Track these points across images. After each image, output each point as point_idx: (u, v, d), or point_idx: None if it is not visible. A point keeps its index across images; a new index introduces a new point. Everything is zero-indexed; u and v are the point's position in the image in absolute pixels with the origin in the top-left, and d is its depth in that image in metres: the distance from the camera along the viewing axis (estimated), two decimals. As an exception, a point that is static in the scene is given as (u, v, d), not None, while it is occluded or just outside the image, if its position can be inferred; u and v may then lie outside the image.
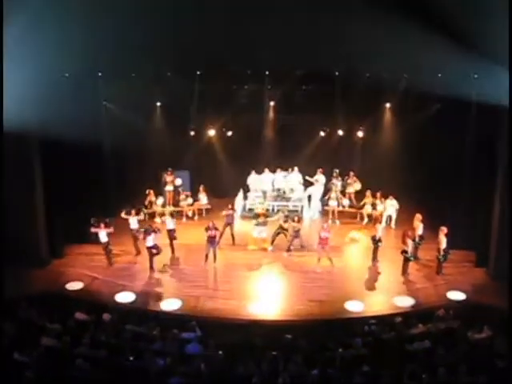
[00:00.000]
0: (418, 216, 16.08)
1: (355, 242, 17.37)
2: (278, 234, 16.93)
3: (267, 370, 9.61)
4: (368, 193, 19.20)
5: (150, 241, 15.12)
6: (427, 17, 13.25)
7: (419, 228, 15.81)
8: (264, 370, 9.59)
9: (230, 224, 17.44)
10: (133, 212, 16.72)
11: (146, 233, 15.16)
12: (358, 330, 11.58)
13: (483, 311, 12.18)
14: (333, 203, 19.73)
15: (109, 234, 15.67)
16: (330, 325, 12.49)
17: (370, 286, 14.67)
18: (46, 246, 15.74)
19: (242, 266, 15.82)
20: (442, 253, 14.81)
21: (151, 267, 15.28)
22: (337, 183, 19.99)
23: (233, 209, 17.82)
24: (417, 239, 15.58)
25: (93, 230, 15.63)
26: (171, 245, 16.44)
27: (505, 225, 14.00)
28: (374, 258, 15.83)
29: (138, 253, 16.41)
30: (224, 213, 17.38)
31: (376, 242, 15.72)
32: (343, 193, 20.10)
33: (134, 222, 16.53)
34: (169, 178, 20.31)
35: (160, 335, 11.22)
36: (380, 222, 17.82)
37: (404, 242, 14.97)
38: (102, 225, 15.64)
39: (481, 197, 15.20)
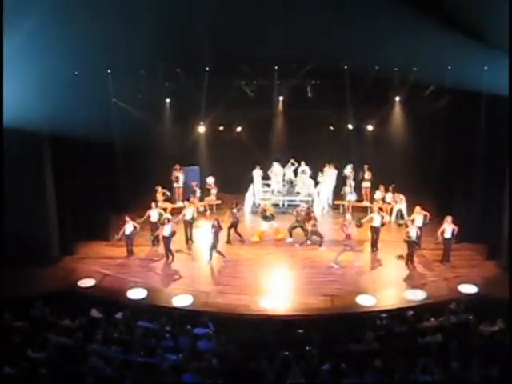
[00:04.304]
0: (417, 209, 15.92)
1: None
2: (295, 227, 16.89)
3: (279, 365, 9.62)
4: (382, 187, 19.10)
5: (168, 230, 15.33)
6: (437, 9, 13.20)
7: (417, 220, 15.64)
8: (276, 366, 9.60)
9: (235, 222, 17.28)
10: (153, 205, 16.85)
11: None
12: (369, 324, 11.56)
13: (495, 304, 12.10)
14: (347, 197, 19.69)
15: (134, 226, 15.93)
16: (341, 319, 12.46)
17: (382, 279, 14.63)
18: (57, 244, 15.78)
19: (252, 260, 15.83)
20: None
21: (167, 256, 15.53)
22: (351, 177, 19.96)
23: (236, 206, 17.42)
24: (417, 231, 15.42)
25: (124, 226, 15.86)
26: (187, 235, 16.82)
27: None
28: (373, 247, 16.03)
29: (154, 244, 16.56)
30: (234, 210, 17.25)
31: (375, 232, 15.88)
32: (358, 187, 20.08)
33: (154, 214, 16.62)
34: (177, 175, 20.31)
35: (172, 331, 11.25)
36: (390, 215, 17.82)
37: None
38: (128, 218, 15.86)
39: (492, 189, 15.11)
